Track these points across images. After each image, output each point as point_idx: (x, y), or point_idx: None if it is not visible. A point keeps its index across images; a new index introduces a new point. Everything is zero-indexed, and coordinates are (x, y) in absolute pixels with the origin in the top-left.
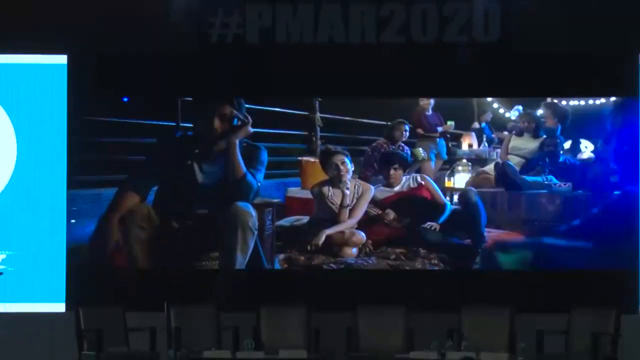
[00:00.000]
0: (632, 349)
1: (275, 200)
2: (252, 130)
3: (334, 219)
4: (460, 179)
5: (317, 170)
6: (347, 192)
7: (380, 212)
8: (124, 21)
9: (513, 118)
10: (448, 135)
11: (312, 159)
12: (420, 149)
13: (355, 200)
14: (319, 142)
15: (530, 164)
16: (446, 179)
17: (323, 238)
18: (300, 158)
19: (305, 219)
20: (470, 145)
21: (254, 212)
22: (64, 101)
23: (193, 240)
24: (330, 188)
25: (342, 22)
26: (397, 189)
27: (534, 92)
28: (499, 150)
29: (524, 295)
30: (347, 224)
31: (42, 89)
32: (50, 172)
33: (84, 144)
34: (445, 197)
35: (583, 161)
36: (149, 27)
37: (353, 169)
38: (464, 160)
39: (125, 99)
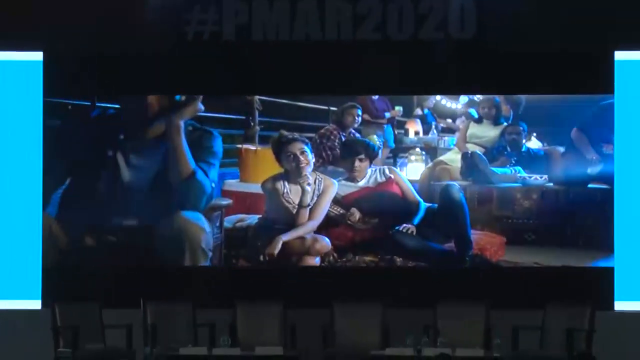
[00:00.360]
0: (607, 346)
1: (225, 203)
2: (202, 108)
3: (291, 221)
4: (413, 170)
5: (259, 160)
6: (308, 188)
7: (342, 211)
8: (100, 19)
9: (460, 107)
10: (395, 122)
11: (252, 147)
12: (375, 136)
13: (315, 198)
14: (257, 127)
15: (491, 153)
16: (398, 169)
17: (279, 246)
18: (239, 146)
19: (250, 219)
20: (416, 133)
21: (207, 226)
22: (39, 98)
23: (120, 261)
24: (286, 183)
25: (318, 19)
26: (362, 183)
27: (510, 89)
28: (446, 138)
29: (499, 291)
30: (307, 228)
31: (17, 85)
32: (25, 168)
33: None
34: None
35: (547, 151)
36: (125, 24)
37: (314, 160)
38: (417, 149)
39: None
